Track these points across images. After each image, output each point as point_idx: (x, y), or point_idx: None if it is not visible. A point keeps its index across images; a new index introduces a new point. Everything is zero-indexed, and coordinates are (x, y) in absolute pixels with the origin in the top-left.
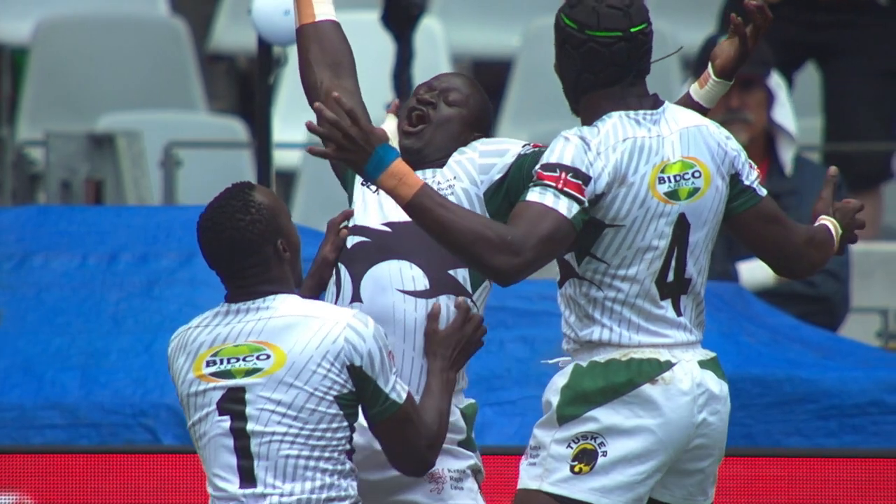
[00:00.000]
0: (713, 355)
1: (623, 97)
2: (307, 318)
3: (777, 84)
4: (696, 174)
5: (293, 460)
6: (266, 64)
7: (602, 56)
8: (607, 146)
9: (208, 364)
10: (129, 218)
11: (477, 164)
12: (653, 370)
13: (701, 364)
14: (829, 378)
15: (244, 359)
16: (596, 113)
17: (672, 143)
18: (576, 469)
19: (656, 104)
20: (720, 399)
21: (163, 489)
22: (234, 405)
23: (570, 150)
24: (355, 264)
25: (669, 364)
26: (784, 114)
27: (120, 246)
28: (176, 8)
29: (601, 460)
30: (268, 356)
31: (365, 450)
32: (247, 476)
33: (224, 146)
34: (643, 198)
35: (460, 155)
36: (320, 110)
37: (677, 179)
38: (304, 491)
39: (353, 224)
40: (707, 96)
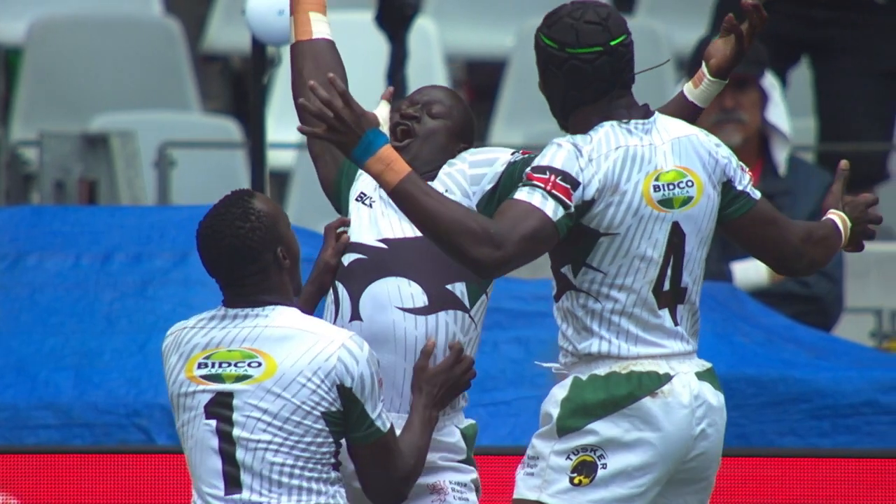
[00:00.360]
0: (709, 366)
1: (612, 109)
2: (303, 333)
3: (771, 84)
4: (689, 183)
5: (278, 468)
6: (260, 64)
7: (585, 72)
8: (599, 154)
9: (200, 366)
10: (123, 218)
11: (467, 176)
12: (653, 383)
13: (698, 376)
14: (823, 378)
15: (236, 364)
16: (586, 128)
17: (664, 153)
18: (575, 481)
19: (647, 114)
20: (717, 410)
21: (156, 489)
22: (222, 410)
23: (562, 155)
24: (353, 282)
25: (668, 377)
26: (778, 114)
27: (114, 246)
28: (170, 8)
29: (601, 473)
30: (259, 364)
31: None
32: (232, 482)
33: (218, 146)
34: (637, 206)
35: (450, 167)
36: (314, 89)
37: (671, 188)
38: (291, 501)
39: (349, 241)
40: (701, 96)
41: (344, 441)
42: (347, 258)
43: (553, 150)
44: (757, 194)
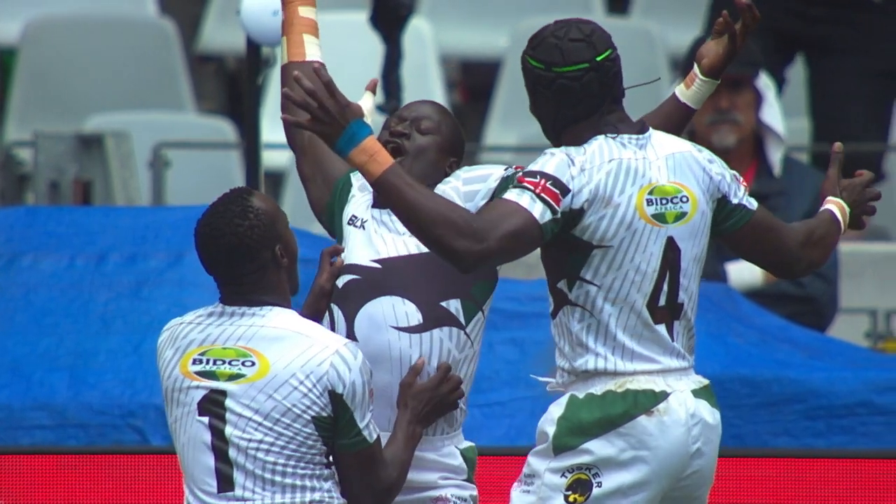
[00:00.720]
0: (706, 383)
1: (603, 125)
2: (298, 335)
3: (766, 85)
4: (684, 199)
5: (271, 466)
6: (254, 64)
7: (574, 90)
8: (592, 165)
9: (195, 362)
10: (118, 218)
11: (461, 193)
12: (649, 401)
13: (695, 393)
14: (818, 378)
15: (230, 362)
16: (578, 143)
17: (659, 168)
18: (570, 499)
19: (642, 129)
20: (713, 428)
21: (151, 490)
22: (215, 407)
23: (554, 163)
24: (347, 303)
25: (665, 394)
26: (773, 114)
27: (108, 246)
28: (164, 8)
29: (595, 491)
30: (253, 363)
31: None
32: (225, 480)
33: (213, 147)
34: (630, 219)
35: (444, 185)
36: (299, 79)
37: (664, 202)
38: (284, 499)
39: (343, 263)
40: (694, 97)
41: None
42: (342, 280)
43: (546, 158)
44: (753, 204)
